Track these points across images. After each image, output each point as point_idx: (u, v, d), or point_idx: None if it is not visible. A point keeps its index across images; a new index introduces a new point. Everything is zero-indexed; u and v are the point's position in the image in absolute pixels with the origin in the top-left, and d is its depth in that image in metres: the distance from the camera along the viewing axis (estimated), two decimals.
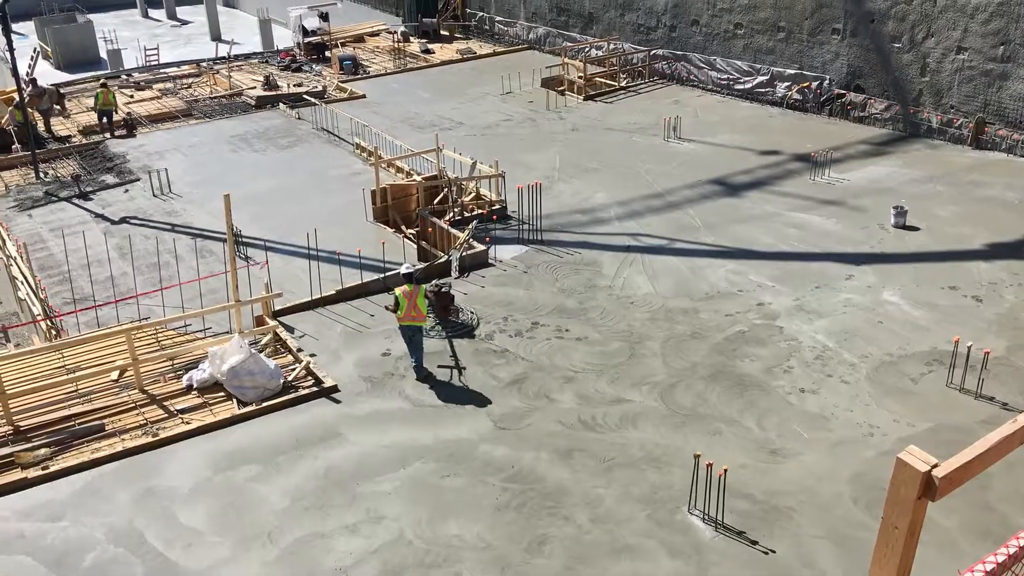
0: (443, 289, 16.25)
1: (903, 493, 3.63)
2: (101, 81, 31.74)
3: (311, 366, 14.52)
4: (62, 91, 33.63)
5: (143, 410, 13.70)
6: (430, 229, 19.54)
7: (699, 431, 12.75)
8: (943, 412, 12.95)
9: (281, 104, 31.95)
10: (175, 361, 14.97)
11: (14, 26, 26.27)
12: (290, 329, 15.91)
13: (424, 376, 14.26)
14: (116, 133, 29.12)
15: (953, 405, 13.11)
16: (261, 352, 14.81)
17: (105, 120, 29.41)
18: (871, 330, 15.28)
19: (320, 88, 34.07)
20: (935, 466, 3.58)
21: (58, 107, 31.78)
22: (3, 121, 28.35)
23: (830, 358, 14.47)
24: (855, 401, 13.31)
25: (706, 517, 10.96)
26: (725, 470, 10.70)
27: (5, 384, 13.30)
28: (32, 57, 39.82)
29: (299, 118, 30.23)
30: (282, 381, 14.08)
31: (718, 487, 10.73)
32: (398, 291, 14.24)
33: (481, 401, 13.65)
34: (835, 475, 11.73)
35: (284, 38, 46.82)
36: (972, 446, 3.73)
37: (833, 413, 13.05)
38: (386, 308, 14.87)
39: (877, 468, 11.60)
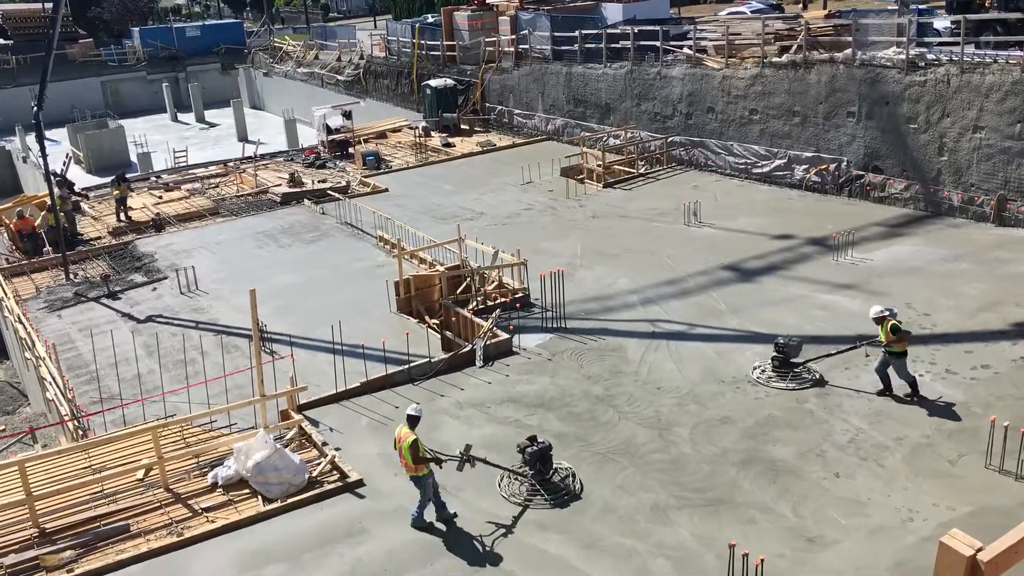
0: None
1: None
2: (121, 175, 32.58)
3: (336, 460, 14.40)
4: (74, 186, 34.44)
5: (168, 509, 13.59)
6: (454, 319, 19.59)
7: (733, 519, 12.42)
8: (983, 494, 12.56)
9: (306, 200, 32.55)
10: (200, 458, 14.91)
11: (47, 132, 27.10)
12: (315, 423, 15.84)
13: (421, 526, 12.68)
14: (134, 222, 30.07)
15: (993, 487, 12.72)
16: (286, 447, 14.73)
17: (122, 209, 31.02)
18: (904, 411, 14.98)
19: (344, 183, 34.74)
20: (980, 550, 3.46)
21: (77, 197, 32.75)
22: (36, 225, 29.06)
23: (864, 441, 14.16)
24: (892, 485, 12.96)
25: None
26: (762, 560, 10.39)
27: (32, 485, 13.28)
28: (64, 162, 41.01)
29: (323, 213, 30.75)
30: (307, 476, 13.96)
31: None
32: (396, 432, 12.95)
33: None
34: (876, 563, 11.34)
35: (309, 136, 48.06)
36: (1017, 528, 3.60)
37: (870, 498, 12.70)
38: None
39: (919, 555, 11.22)
